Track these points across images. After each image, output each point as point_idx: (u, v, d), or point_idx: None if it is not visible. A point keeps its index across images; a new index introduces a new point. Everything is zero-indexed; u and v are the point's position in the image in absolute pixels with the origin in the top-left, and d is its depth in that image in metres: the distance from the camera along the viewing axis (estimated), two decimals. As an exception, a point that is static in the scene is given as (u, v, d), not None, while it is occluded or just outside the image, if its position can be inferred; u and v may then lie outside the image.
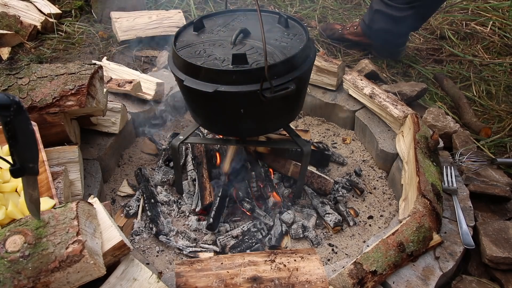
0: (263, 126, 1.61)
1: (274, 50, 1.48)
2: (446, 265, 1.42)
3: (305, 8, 3.40)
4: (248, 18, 1.73)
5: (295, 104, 1.60)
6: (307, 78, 1.59)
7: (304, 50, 1.45)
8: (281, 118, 1.61)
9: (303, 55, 1.45)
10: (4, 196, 1.34)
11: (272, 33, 1.58)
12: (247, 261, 1.28)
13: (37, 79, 1.55)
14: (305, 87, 1.66)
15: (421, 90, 2.27)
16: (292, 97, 1.43)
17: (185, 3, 3.27)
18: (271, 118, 1.57)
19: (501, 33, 3.11)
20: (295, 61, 1.41)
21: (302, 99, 1.64)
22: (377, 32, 2.69)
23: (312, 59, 1.50)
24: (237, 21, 1.71)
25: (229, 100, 1.41)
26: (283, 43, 1.51)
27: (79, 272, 1.04)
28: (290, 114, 1.64)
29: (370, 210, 1.86)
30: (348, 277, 1.28)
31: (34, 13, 2.85)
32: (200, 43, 1.57)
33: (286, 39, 1.54)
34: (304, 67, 1.44)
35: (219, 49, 1.51)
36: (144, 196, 1.79)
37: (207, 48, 1.53)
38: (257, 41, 1.53)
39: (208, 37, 1.60)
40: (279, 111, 1.55)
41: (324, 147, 2.05)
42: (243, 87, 1.35)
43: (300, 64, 1.43)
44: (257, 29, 1.57)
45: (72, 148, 1.58)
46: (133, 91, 2.06)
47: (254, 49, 1.49)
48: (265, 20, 1.66)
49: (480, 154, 1.94)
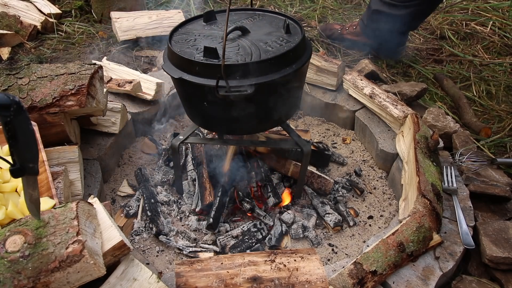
0: (240, 126, 1.59)
1: (255, 52, 1.44)
2: (446, 265, 1.42)
3: (305, 8, 3.40)
4: (263, 19, 1.70)
5: (265, 110, 1.53)
6: (282, 85, 1.47)
7: (279, 58, 1.38)
8: (256, 122, 1.58)
9: (274, 63, 1.38)
10: (4, 196, 1.34)
11: (268, 36, 1.54)
12: (247, 261, 1.28)
13: (37, 79, 1.55)
14: (286, 93, 1.54)
15: (421, 90, 2.27)
16: (261, 103, 1.44)
17: (185, 3, 3.27)
18: (244, 120, 1.53)
19: (501, 33, 3.11)
20: (259, 67, 1.36)
21: (279, 105, 1.56)
22: (376, 32, 2.69)
23: (293, 69, 1.42)
24: (248, 20, 1.69)
25: (192, 90, 1.45)
26: (268, 48, 1.46)
27: (79, 272, 1.04)
28: (263, 121, 1.59)
29: (370, 210, 1.86)
30: (348, 277, 1.28)
31: (34, 13, 2.85)
32: (197, 33, 1.59)
33: (276, 44, 1.49)
34: (276, 74, 1.38)
35: (207, 41, 1.53)
36: (144, 196, 1.79)
37: (198, 38, 1.55)
38: (252, 41, 1.51)
39: (210, 29, 1.62)
40: (248, 115, 1.51)
41: (324, 147, 2.05)
42: (204, 80, 1.37)
43: (269, 71, 1.37)
44: (259, 31, 1.57)
45: (72, 148, 1.58)
46: (133, 91, 2.06)
47: (241, 49, 1.47)
48: (273, 22, 1.65)
49: (480, 154, 1.94)
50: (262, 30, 1.57)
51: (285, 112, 1.63)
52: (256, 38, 1.53)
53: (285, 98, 1.54)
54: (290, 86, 1.50)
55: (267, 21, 1.67)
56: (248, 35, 1.55)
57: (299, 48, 1.46)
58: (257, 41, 1.50)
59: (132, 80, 2.07)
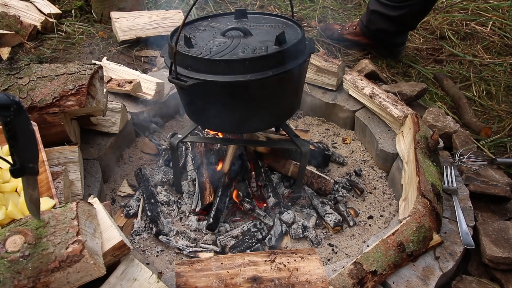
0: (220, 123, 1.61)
1: (237, 52, 1.43)
2: (446, 265, 1.42)
3: (305, 8, 3.40)
4: (275, 25, 1.67)
5: (247, 110, 1.52)
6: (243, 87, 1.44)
7: (234, 63, 1.36)
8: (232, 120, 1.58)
9: (225, 65, 1.36)
10: (4, 196, 1.34)
11: (262, 43, 1.49)
12: (247, 261, 1.28)
13: (37, 79, 1.55)
14: (260, 98, 1.52)
15: (421, 90, 2.27)
16: (239, 102, 1.48)
17: (185, 3, 3.27)
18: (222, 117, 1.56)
19: (501, 33, 3.11)
20: (207, 64, 1.37)
21: (255, 107, 1.53)
22: (375, 32, 2.70)
23: (263, 75, 1.37)
24: (267, 26, 1.66)
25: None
26: (251, 52, 1.43)
27: (79, 272, 1.04)
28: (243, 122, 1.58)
29: (370, 210, 1.86)
30: (348, 277, 1.28)
31: (34, 13, 2.85)
32: (205, 25, 1.67)
33: (259, 50, 1.44)
34: (227, 77, 1.37)
35: (205, 33, 1.60)
36: (144, 196, 1.79)
37: (202, 30, 1.62)
38: (246, 43, 1.50)
39: (224, 25, 1.64)
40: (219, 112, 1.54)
41: (324, 147, 2.05)
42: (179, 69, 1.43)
43: (220, 71, 1.37)
44: (260, 35, 1.57)
45: (72, 148, 1.58)
46: (133, 91, 2.06)
47: (228, 46, 1.47)
48: (278, 26, 1.64)
49: (480, 154, 1.94)
50: (263, 37, 1.55)
51: (267, 116, 1.60)
52: (250, 42, 1.51)
53: (259, 103, 1.52)
54: (258, 91, 1.46)
55: (282, 30, 1.60)
56: (248, 37, 1.55)
57: (264, 59, 1.38)
58: (248, 44, 1.49)
59: (132, 80, 2.07)
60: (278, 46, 1.44)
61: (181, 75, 1.40)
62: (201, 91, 1.43)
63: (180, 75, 1.40)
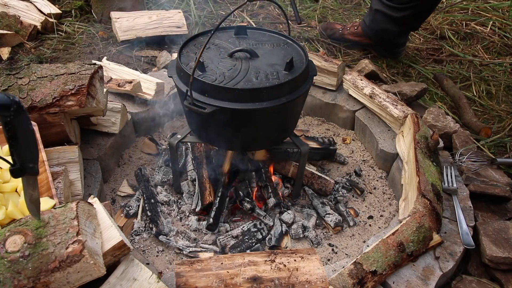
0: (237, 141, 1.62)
1: (247, 77, 1.47)
2: (446, 265, 1.42)
3: (305, 8, 3.40)
4: (284, 48, 1.67)
5: (247, 132, 1.57)
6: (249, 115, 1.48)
7: (252, 92, 1.41)
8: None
9: (240, 94, 1.40)
10: (4, 196, 1.34)
11: (270, 67, 1.52)
12: (247, 261, 1.28)
13: (37, 79, 1.55)
14: (269, 121, 1.56)
15: (421, 90, 2.27)
16: (242, 125, 1.51)
17: (185, 3, 3.26)
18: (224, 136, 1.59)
19: (501, 33, 3.11)
20: (221, 92, 1.40)
21: (255, 130, 1.57)
22: (378, 33, 2.70)
23: (277, 103, 1.42)
24: (269, 45, 1.67)
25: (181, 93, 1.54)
26: (262, 78, 1.47)
27: (79, 272, 1.04)
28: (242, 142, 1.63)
29: (370, 210, 1.86)
30: (348, 277, 1.28)
31: (34, 13, 2.85)
32: (211, 44, 1.65)
33: (269, 77, 1.47)
34: (246, 105, 1.41)
35: (211, 53, 1.60)
36: (144, 196, 1.79)
37: (207, 48, 1.58)
38: (254, 66, 1.52)
39: (227, 42, 1.66)
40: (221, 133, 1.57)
41: (330, 142, 2.03)
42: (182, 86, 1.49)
43: (238, 100, 1.40)
44: (266, 56, 1.59)
45: (72, 148, 1.58)
46: (133, 91, 2.05)
47: (236, 70, 1.50)
48: (287, 53, 1.62)
49: (480, 154, 1.94)
50: (270, 59, 1.57)
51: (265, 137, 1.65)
52: (259, 65, 1.53)
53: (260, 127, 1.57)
54: (270, 115, 1.51)
55: (285, 50, 1.64)
56: (255, 59, 1.56)
57: (274, 89, 1.43)
58: (258, 68, 1.51)
59: (132, 80, 2.07)
60: (287, 71, 1.50)
61: (198, 101, 1.41)
62: (213, 115, 1.41)
63: (197, 101, 1.40)
